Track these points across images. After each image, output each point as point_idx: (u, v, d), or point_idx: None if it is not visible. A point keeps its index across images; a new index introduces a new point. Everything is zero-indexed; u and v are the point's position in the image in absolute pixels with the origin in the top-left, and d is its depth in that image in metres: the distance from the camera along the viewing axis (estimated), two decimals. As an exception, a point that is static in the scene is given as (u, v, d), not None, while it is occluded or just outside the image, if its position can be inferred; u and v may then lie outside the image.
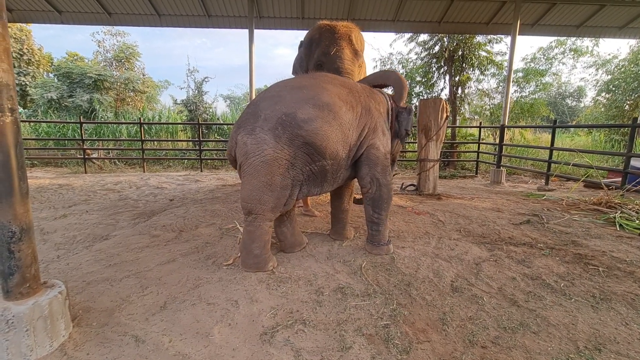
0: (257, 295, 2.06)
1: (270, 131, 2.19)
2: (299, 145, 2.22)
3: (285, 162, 2.22)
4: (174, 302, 2.03)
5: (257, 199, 2.26)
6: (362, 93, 2.62)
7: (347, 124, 2.38)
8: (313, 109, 2.24)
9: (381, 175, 2.59)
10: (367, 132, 2.53)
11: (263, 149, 2.19)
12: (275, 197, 2.27)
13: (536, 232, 3.28)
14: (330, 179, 2.47)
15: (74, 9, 8.46)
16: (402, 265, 2.46)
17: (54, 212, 4.37)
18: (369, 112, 2.56)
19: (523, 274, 2.36)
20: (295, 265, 2.48)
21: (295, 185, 2.34)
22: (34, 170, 8.98)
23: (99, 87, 13.50)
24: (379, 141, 2.59)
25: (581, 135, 13.59)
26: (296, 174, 2.30)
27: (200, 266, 2.52)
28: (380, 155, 2.59)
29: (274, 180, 2.23)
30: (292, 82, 2.52)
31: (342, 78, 2.73)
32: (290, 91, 2.35)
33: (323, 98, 2.30)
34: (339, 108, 2.33)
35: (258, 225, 2.31)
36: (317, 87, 2.38)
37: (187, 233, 3.26)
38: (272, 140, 2.18)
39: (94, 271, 2.48)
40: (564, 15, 8.45)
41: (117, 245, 3.01)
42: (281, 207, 2.34)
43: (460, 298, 2.04)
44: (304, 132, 2.20)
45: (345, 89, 2.50)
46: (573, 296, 2.08)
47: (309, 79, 2.52)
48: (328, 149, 2.29)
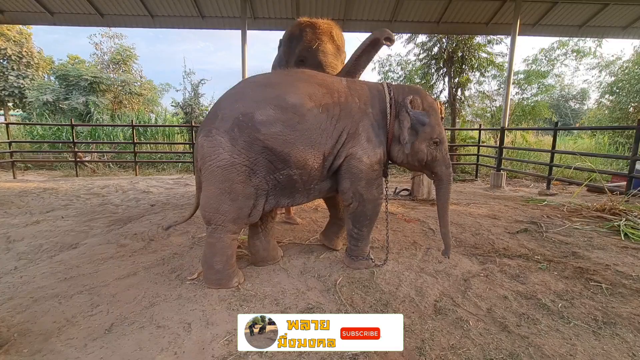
0: (215, 317, 1.84)
1: (227, 133, 1.97)
2: (258, 150, 1.98)
3: (245, 169, 1.99)
4: (122, 323, 1.82)
5: (215, 208, 2.04)
6: (343, 92, 2.24)
7: (317, 129, 2.06)
8: (274, 111, 1.99)
9: (365, 190, 2.25)
10: (346, 139, 2.16)
11: (219, 152, 1.97)
12: (237, 207, 2.04)
13: (533, 242, 3.03)
14: (302, 190, 2.20)
15: (66, 10, 8.34)
16: (382, 282, 2.23)
17: (29, 217, 4.17)
18: (350, 114, 2.18)
19: (516, 291, 2.12)
20: (264, 280, 2.26)
21: (259, 194, 2.09)
22: (27, 174, 8.82)
23: (95, 90, 13.39)
24: (361, 150, 2.19)
25: (584, 137, 13.29)
26: (260, 182, 2.05)
27: (162, 281, 2.30)
28: (364, 167, 2.20)
29: (234, 188, 2.00)
30: (261, 78, 2.26)
31: (323, 75, 2.37)
32: (255, 88, 2.12)
33: (289, 98, 2.02)
34: (308, 110, 2.03)
35: (218, 238, 2.09)
36: (286, 84, 2.11)
37: (157, 242, 3.05)
38: (228, 143, 1.96)
39: (45, 286, 2.27)
40: (565, 14, 8.21)
41: (81, 256, 2.81)
42: (245, 218, 2.11)
43: (443, 321, 1.81)
44: (262, 136, 1.96)
45: (322, 88, 2.17)
46: (572, 319, 1.84)
47: (280, 76, 2.27)
48: (292, 157, 2.02)
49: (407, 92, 2.34)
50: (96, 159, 9.95)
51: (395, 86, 2.40)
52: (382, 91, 2.36)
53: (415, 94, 2.32)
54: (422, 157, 2.33)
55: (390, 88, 2.35)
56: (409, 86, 2.42)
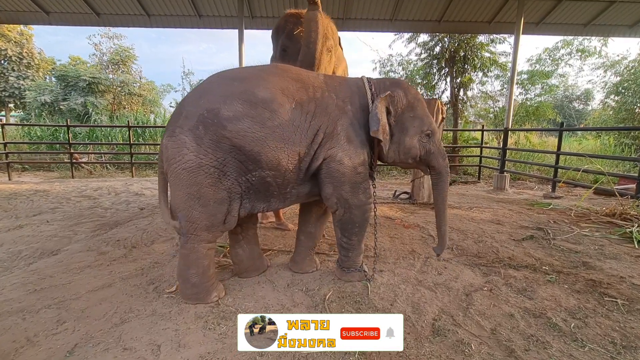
0: (188, 337, 1.66)
1: (191, 132, 1.79)
2: (226, 149, 1.80)
3: (214, 170, 1.81)
4: (86, 344, 1.64)
5: (185, 215, 1.88)
6: (319, 87, 2.06)
7: (290, 126, 1.88)
8: (242, 106, 1.80)
9: (351, 195, 2.06)
10: (324, 139, 1.97)
11: (184, 153, 1.80)
12: (208, 213, 1.86)
13: (540, 250, 2.84)
14: (278, 194, 2.02)
15: (61, 10, 8.24)
16: (376, 296, 2.04)
17: (13, 221, 4.02)
18: (326, 111, 1.99)
19: (524, 308, 1.93)
20: (246, 294, 2.07)
21: (233, 198, 1.91)
22: (24, 175, 8.70)
23: (94, 90, 13.30)
24: (341, 151, 1.99)
25: (589, 139, 13.04)
26: (232, 185, 1.87)
27: (138, 293, 2.12)
28: (346, 169, 2.00)
29: (203, 192, 1.83)
30: (229, 72, 2.07)
31: (298, 69, 2.18)
32: (221, 83, 1.94)
33: (259, 92, 1.85)
34: (279, 105, 1.86)
35: (192, 248, 1.91)
36: (256, 78, 1.93)
37: (139, 250, 2.87)
38: (192, 142, 1.79)
39: (13, 298, 2.10)
40: (570, 13, 8.01)
41: (58, 264, 2.64)
42: (219, 225, 1.93)
43: (442, 345, 1.62)
44: (229, 134, 1.78)
45: (296, 83, 2.00)
46: (587, 342, 1.64)
47: (250, 70, 2.08)
48: (264, 157, 1.84)
49: (388, 86, 2.17)
50: (93, 160, 9.83)
51: (377, 80, 2.22)
52: (362, 87, 2.17)
53: (396, 87, 2.16)
54: (415, 152, 2.19)
55: (371, 83, 2.18)
56: (390, 79, 2.26)
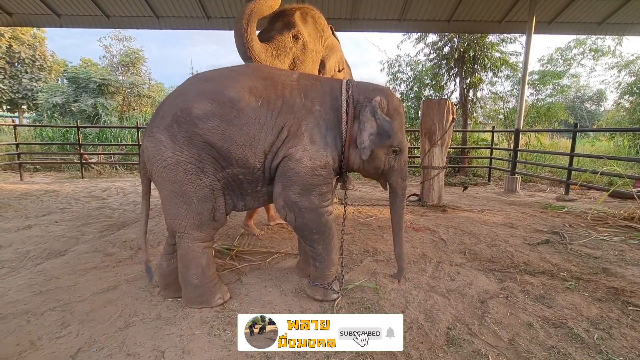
0: (193, 344, 1.61)
1: (166, 130, 1.83)
2: (199, 146, 1.82)
3: (192, 167, 1.82)
4: (89, 349, 1.61)
5: (173, 214, 1.89)
6: (289, 85, 2.00)
7: (256, 124, 1.87)
8: (211, 104, 1.82)
9: (299, 197, 1.93)
10: (287, 137, 1.91)
11: (162, 151, 1.83)
12: (194, 211, 1.86)
13: (557, 255, 2.73)
14: (250, 192, 2.02)
15: (72, 12, 8.34)
16: (387, 303, 1.97)
17: (23, 221, 4.04)
18: (292, 109, 1.93)
19: (542, 317, 1.84)
20: (253, 299, 2.02)
21: (217, 195, 1.91)
22: (35, 175, 8.82)
23: (104, 92, 13.47)
24: (302, 151, 1.90)
25: (602, 140, 12.74)
26: (212, 181, 1.88)
27: (143, 297, 2.09)
28: (303, 170, 1.90)
29: (185, 190, 1.83)
30: (205, 73, 2.10)
31: (271, 69, 2.15)
32: (195, 84, 1.97)
33: (227, 92, 1.87)
34: (246, 104, 1.86)
35: (187, 248, 1.90)
36: (227, 78, 1.95)
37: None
38: (168, 140, 1.82)
39: (18, 300, 2.08)
40: (584, 11, 7.82)
41: (64, 265, 2.62)
42: (209, 223, 1.93)
43: (457, 355, 1.54)
44: (200, 131, 1.80)
45: (266, 81, 1.98)
46: (612, 355, 1.55)
47: (224, 70, 2.08)
48: (232, 154, 1.85)
49: (372, 92, 2.04)
50: (102, 160, 9.92)
51: (357, 84, 2.11)
52: (337, 88, 2.07)
53: (380, 94, 2.02)
54: (379, 164, 2.08)
55: (349, 86, 2.06)
56: (373, 85, 2.14)
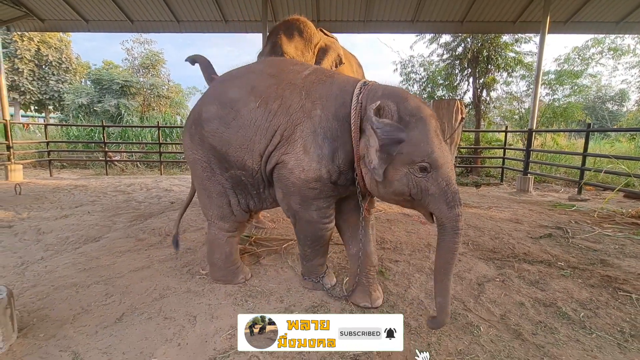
0: (220, 311, 1.86)
1: (187, 130, 2.07)
2: (207, 147, 1.95)
3: (205, 165, 2.00)
4: (132, 313, 1.87)
5: (202, 203, 2.15)
6: (293, 83, 1.83)
7: (251, 126, 1.79)
8: (216, 107, 1.90)
9: (300, 208, 1.83)
10: (280, 142, 1.77)
11: (186, 149, 2.09)
12: (214, 204, 2.06)
13: (558, 247, 2.86)
14: (254, 193, 2.01)
15: (99, 18, 8.81)
16: (391, 283, 2.17)
17: (59, 212, 4.41)
18: (287, 111, 1.76)
19: (534, 298, 2.00)
20: (271, 278, 2.26)
21: (229, 193, 2.02)
22: (62, 172, 9.37)
23: (126, 93, 14.06)
24: (294, 160, 1.73)
25: (622, 141, 12.44)
26: (222, 180, 1.99)
27: (174, 274, 2.36)
28: (296, 180, 1.75)
29: (205, 184, 2.05)
30: (228, 72, 2.16)
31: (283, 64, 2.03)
32: (216, 84, 2.13)
33: (230, 93, 1.89)
34: (244, 105, 1.82)
35: (214, 234, 2.14)
36: (237, 77, 2.00)
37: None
38: (188, 140, 2.05)
39: (66, 275, 2.38)
40: (601, 10, 7.73)
41: (101, 248, 2.93)
42: (230, 216, 2.07)
43: (452, 326, 1.73)
44: (206, 133, 1.93)
45: (271, 79, 1.87)
46: (595, 330, 1.71)
47: (242, 68, 2.11)
48: (231, 156, 1.88)
49: (380, 96, 1.65)
50: (125, 158, 10.42)
51: (371, 88, 1.74)
52: (347, 92, 1.75)
53: (388, 97, 1.62)
54: (400, 189, 1.58)
55: (361, 90, 1.73)
56: (385, 88, 1.73)
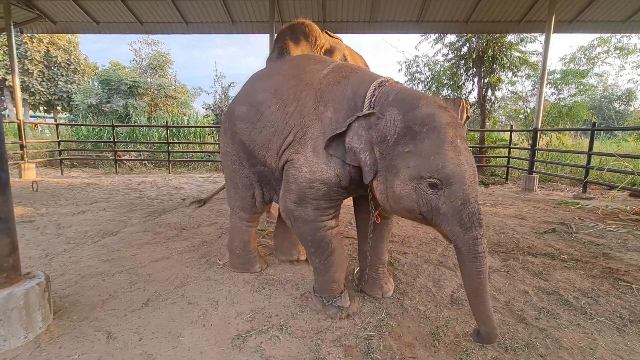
0: (239, 296, 1.98)
1: (223, 124, 2.24)
2: (238, 143, 2.08)
3: (235, 159, 2.14)
4: (156, 299, 1.99)
5: (228, 193, 2.29)
6: (311, 85, 1.80)
7: (272, 127, 1.85)
8: (246, 108, 2.01)
9: (295, 206, 1.74)
10: (293, 141, 1.76)
11: (221, 141, 2.26)
12: (239, 195, 2.21)
13: (561, 242, 2.94)
14: (278, 188, 2.01)
15: (109, 19, 9.00)
16: (400, 273, 2.27)
17: (76, 208, 4.56)
18: (301, 113, 1.75)
19: (538, 287, 2.10)
20: (286, 267, 2.38)
21: (255, 186, 2.15)
22: (73, 171, 9.57)
23: (134, 93, 14.28)
24: (303, 159, 1.69)
25: (629, 141, 12.40)
26: (249, 173, 2.12)
27: (193, 264, 2.48)
28: (301, 179, 1.69)
29: (233, 176, 2.19)
30: (260, 71, 2.27)
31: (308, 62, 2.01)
32: (248, 83, 2.22)
33: (257, 95, 1.98)
34: (267, 107, 1.89)
35: (234, 223, 2.29)
36: (265, 78, 2.08)
37: (188, 231, 3.26)
38: (222, 134, 2.22)
39: (91, 265, 2.51)
40: (606, 9, 7.75)
41: (121, 241, 3.06)
42: (251, 207, 2.22)
43: (459, 311, 1.83)
44: (238, 129, 2.06)
45: (293, 80, 1.88)
46: (595, 316, 1.80)
47: (272, 67, 2.18)
48: (255, 154, 1.99)
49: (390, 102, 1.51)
50: (133, 157, 10.60)
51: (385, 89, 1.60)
52: (359, 94, 1.63)
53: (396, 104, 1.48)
54: (409, 205, 1.42)
55: (377, 90, 1.60)
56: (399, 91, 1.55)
